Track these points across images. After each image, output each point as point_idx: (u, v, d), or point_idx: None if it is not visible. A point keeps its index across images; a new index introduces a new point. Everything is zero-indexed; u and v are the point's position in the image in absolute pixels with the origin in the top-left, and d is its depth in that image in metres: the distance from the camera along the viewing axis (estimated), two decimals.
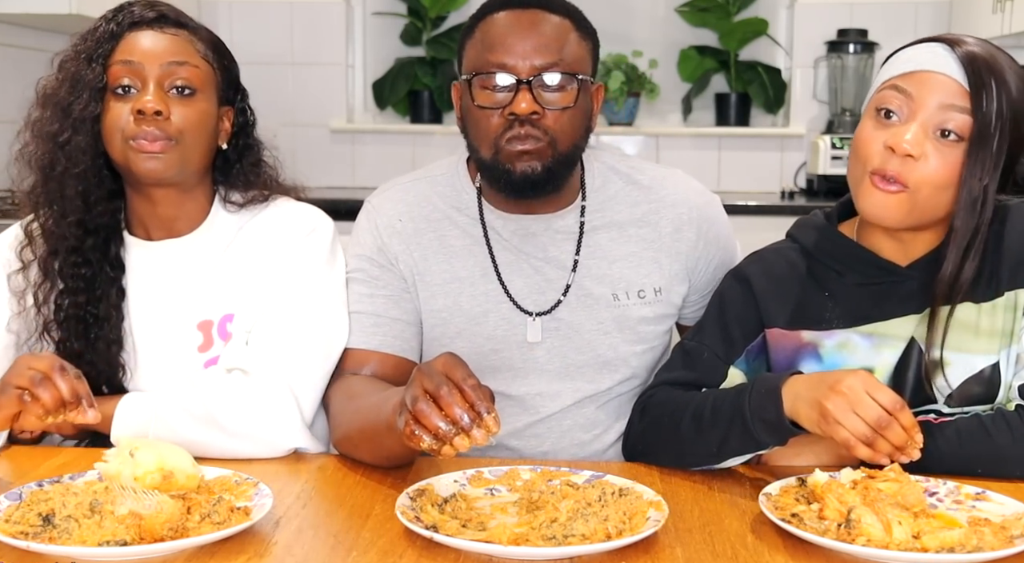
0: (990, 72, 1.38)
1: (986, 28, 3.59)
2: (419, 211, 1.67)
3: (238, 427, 1.48)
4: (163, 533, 1.15)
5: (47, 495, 1.23)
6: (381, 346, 1.60)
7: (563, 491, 1.27)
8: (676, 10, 4.30)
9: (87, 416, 1.31)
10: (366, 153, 4.34)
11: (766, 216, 3.73)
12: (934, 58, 1.41)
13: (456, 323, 1.64)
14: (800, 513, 1.23)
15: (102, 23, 1.58)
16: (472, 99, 1.55)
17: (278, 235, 1.63)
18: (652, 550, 1.17)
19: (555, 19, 1.55)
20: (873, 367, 1.48)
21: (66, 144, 1.56)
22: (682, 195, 1.70)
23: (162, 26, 1.58)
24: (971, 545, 1.14)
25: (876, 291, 1.50)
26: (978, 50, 1.40)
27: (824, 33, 4.16)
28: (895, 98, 1.41)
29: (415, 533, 1.18)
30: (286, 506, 1.30)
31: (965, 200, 1.39)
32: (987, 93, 1.37)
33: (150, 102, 1.53)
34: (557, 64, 1.53)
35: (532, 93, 1.52)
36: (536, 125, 1.53)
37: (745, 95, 4.27)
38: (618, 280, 1.65)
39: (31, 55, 3.38)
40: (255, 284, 1.61)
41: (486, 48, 1.54)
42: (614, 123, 4.33)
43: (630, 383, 1.69)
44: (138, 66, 1.55)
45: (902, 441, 1.25)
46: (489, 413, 1.17)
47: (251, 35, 4.26)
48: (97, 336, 1.58)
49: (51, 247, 1.59)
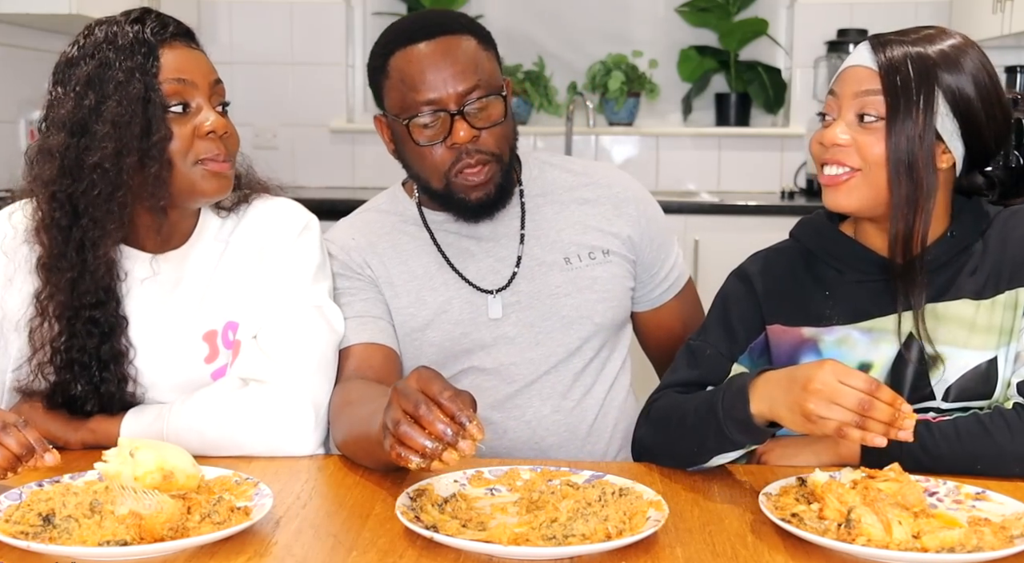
0: (903, 48, 1.47)
1: (986, 28, 3.60)
2: (369, 228, 1.76)
3: (258, 446, 1.51)
4: (163, 533, 1.15)
5: (47, 495, 1.23)
6: (371, 339, 1.65)
7: (563, 491, 1.27)
8: (676, 10, 4.31)
9: (45, 461, 1.28)
10: (366, 153, 4.35)
11: (766, 216, 3.73)
12: (855, 56, 1.51)
13: (423, 316, 1.70)
14: (800, 513, 1.23)
15: (126, 33, 1.51)
16: (412, 140, 1.62)
17: (272, 236, 1.63)
18: (652, 550, 1.17)
19: (460, 41, 1.62)
20: (872, 362, 1.50)
21: (137, 174, 1.49)
22: (616, 178, 1.82)
23: (189, 42, 1.56)
24: (971, 545, 1.14)
25: (874, 288, 1.52)
26: (894, 36, 1.50)
27: (824, 33, 4.17)
28: (829, 102, 1.51)
29: (415, 533, 1.18)
30: (286, 506, 1.30)
31: (894, 171, 1.44)
32: (898, 69, 1.45)
33: (223, 123, 1.53)
34: (478, 85, 1.60)
35: (466, 120, 1.59)
36: (480, 149, 1.62)
37: (745, 95, 4.27)
38: (568, 245, 1.74)
39: (31, 55, 3.38)
40: (255, 288, 1.61)
41: (409, 88, 1.61)
42: (614, 123, 4.33)
43: (598, 339, 1.75)
44: (191, 85, 1.52)
45: (889, 416, 1.24)
46: (471, 421, 1.17)
47: (251, 35, 4.26)
48: (103, 359, 1.54)
49: (65, 298, 1.52)
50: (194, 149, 1.51)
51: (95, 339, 1.53)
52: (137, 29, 1.52)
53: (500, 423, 1.71)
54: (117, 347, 1.54)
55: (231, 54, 4.28)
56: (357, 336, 1.64)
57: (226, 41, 4.29)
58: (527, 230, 1.73)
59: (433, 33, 1.61)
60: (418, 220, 1.75)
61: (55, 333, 1.52)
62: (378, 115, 1.72)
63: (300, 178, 4.27)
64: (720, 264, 3.33)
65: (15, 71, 3.36)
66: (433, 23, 1.64)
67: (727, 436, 1.38)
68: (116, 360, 1.54)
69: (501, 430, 1.71)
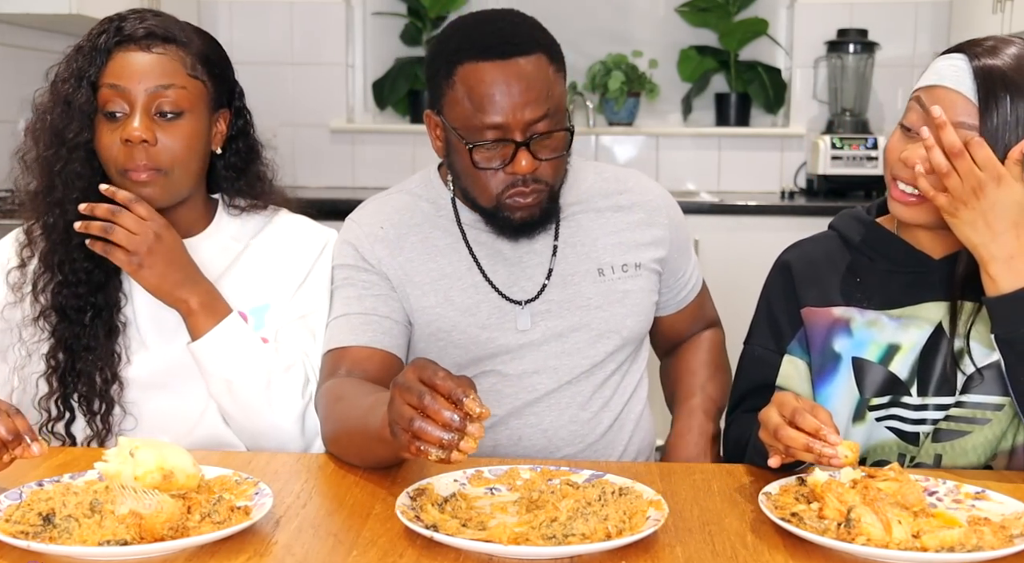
0: (1003, 85, 1.39)
1: (986, 28, 3.59)
2: (400, 217, 1.71)
3: (281, 402, 1.58)
4: (163, 533, 1.15)
5: (47, 495, 1.23)
6: (371, 342, 1.62)
7: (563, 490, 1.27)
8: (676, 10, 4.31)
9: (32, 451, 1.28)
10: (366, 153, 4.35)
11: (766, 216, 3.73)
12: (950, 72, 1.43)
13: (450, 317, 1.66)
14: (800, 512, 1.23)
15: (91, 39, 1.57)
16: (471, 160, 1.58)
17: (293, 251, 1.71)
18: (652, 550, 1.17)
19: (533, 61, 1.55)
20: (900, 344, 1.53)
21: (61, 171, 1.56)
22: (647, 185, 1.81)
23: (150, 44, 1.57)
24: (971, 544, 1.14)
25: (907, 280, 1.54)
26: (997, 62, 1.41)
27: (824, 33, 4.16)
28: (914, 114, 1.46)
29: (415, 533, 1.18)
30: (286, 506, 1.30)
31: None
32: (997, 107, 1.39)
33: (137, 131, 1.53)
34: (547, 115, 1.55)
35: (529, 150, 1.56)
36: (537, 178, 1.59)
37: (745, 95, 4.27)
38: (602, 255, 1.72)
39: (31, 55, 3.38)
40: (265, 287, 1.67)
41: (476, 108, 1.54)
42: (614, 123, 4.33)
43: (623, 352, 1.74)
44: (125, 90, 1.55)
45: (811, 427, 1.27)
46: (467, 396, 1.15)
47: (251, 35, 4.26)
48: (96, 323, 1.59)
49: (51, 246, 1.59)
50: (117, 159, 1.55)
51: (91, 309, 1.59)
52: (104, 30, 1.57)
53: (516, 430, 1.69)
54: (115, 320, 1.61)
55: (231, 54, 4.23)
56: (356, 336, 1.61)
57: (226, 41, 4.22)
58: (561, 239, 1.71)
59: (508, 53, 1.54)
60: (451, 214, 1.71)
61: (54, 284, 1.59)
62: (430, 112, 1.65)
63: (300, 178, 4.26)
64: (720, 264, 3.35)
65: (15, 71, 3.36)
66: (510, 41, 1.56)
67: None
68: (111, 328, 1.60)
69: (516, 437, 1.69)
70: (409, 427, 1.16)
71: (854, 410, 1.54)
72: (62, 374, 1.59)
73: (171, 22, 1.62)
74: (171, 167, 1.57)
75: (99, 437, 1.60)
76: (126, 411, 1.62)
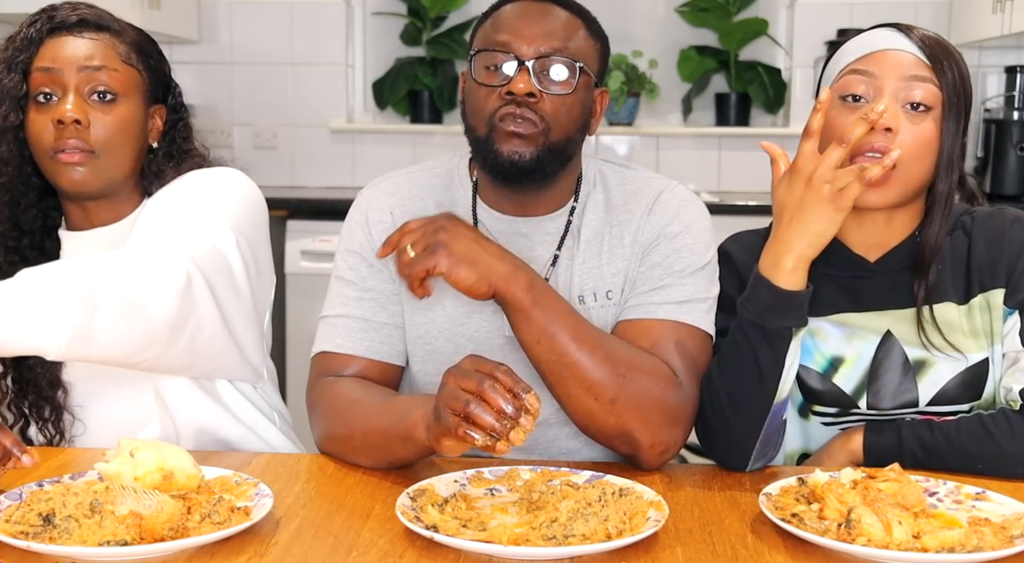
0: (942, 46, 1.46)
1: (986, 28, 3.60)
2: (411, 206, 1.65)
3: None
4: (163, 533, 1.15)
5: (47, 495, 1.23)
6: (368, 352, 1.58)
7: (563, 491, 1.27)
8: (676, 10, 4.31)
9: (24, 463, 1.29)
10: (366, 153, 4.34)
11: (766, 216, 3.70)
12: (889, 39, 1.47)
13: (439, 322, 1.61)
14: (800, 513, 1.23)
15: (23, 28, 1.56)
16: (472, 75, 1.55)
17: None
18: (652, 550, 1.17)
19: (566, 14, 1.57)
20: (844, 356, 1.51)
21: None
22: (664, 207, 1.66)
23: (82, 31, 1.56)
24: (971, 545, 1.14)
25: (845, 284, 1.52)
26: (929, 33, 1.48)
27: (824, 33, 4.16)
28: (858, 82, 1.46)
29: (415, 533, 1.18)
30: (286, 506, 1.30)
31: (944, 165, 1.44)
32: (946, 63, 1.44)
33: (69, 111, 1.52)
34: (560, 51, 1.52)
35: (532, 75, 1.51)
36: (532, 108, 1.51)
37: (745, 95, 4.27)
38: (585, 282, 1.60)
39: None
40: None
41: (494, 30, 1.55)
42: (614, 123, 4.33)
43: None
44: (57, 73, 1.54)
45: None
46: (527, 392, 1.21)
47: (251, 35, 4.26)
48: None
49: None
50: (47, 140, 1.53)
51: None
52: (36, 19, 1.56)
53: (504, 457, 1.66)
54: None
55: (231, 54, 4.28)
56: (355, 344, 1.57)
57: (226, 41, 4.29)
58: (561, 252, 1.61)
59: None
60: (468, 208, 1.63)
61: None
62: (465, 71, 1.61)
63: (300, 178, 4.27)
64: None
65: None
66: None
67: (768, 326, 1.37)
68: None
69: None
70: (463, 409, 1.20)
71: (798, 409, 1.55)
72: (12, 379, 1.58)
73: (105, 13, 1.62)
74: (103, 149, 1.54)
75: (52, 444, 1.59)
76: (75, 417, 1.60)
